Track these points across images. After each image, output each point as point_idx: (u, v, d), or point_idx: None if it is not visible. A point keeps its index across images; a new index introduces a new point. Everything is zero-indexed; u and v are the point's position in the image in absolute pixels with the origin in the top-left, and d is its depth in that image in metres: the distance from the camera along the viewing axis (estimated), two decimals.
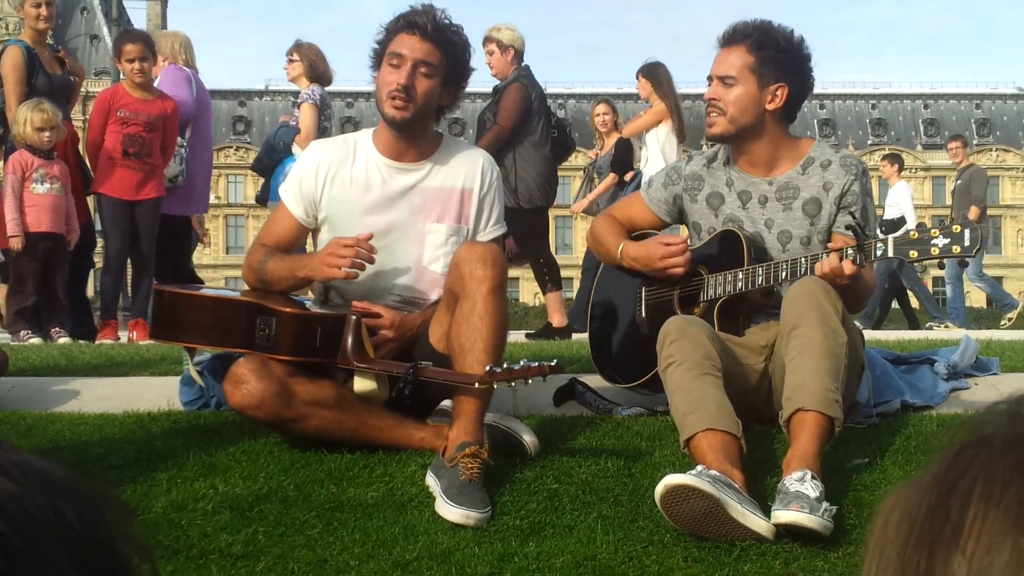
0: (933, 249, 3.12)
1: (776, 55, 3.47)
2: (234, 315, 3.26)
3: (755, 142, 3.52)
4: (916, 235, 3.16)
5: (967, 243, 3.10)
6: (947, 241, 3.12)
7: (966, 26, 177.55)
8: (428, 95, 3.32)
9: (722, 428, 2.94)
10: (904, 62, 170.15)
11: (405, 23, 3.32)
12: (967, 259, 3.31)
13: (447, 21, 3.35)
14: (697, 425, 2.95)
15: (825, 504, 2.70)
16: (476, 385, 2.99)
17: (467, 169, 3.45)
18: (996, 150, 72.60)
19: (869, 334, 3.72)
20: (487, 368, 2.95)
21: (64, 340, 6.65)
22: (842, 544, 2.72)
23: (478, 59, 3.45)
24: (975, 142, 73.22)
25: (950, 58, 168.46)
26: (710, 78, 3.51)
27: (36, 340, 6.59)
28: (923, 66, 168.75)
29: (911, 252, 3.15)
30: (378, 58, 3.38)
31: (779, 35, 3.50)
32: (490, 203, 3.48)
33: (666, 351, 3.15)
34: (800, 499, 2.68)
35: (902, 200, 12.17)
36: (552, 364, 3.03)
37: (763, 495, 2.90)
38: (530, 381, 3.02)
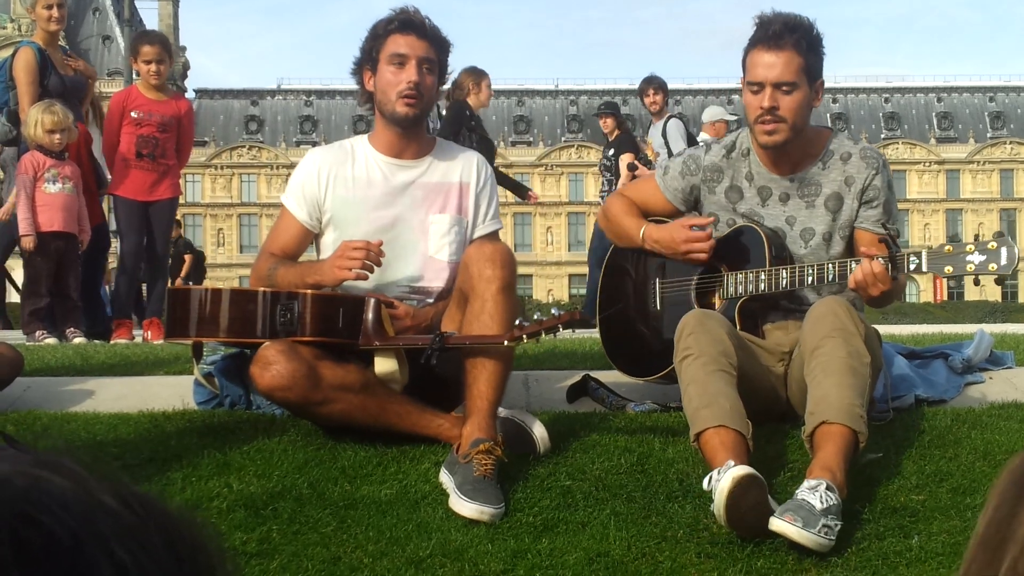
0: (968, 266, 3.08)
1: (817, 51, 3.40)
2: (253, 304, 3.24)
3: (796, 142, 3.44)
4: (951, 250, 3.12)
5: (1003, 261, 3.06)
6: (983, 258, 3.08)
7: (980, 18, 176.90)
8: (432, 91, 3.45)
9: (733, 426, 2.93)
10: (917, 55, 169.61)
11: (400, 24, 3.40)
12: (1004, 278, 3.21)
13: (431, 20, 3.46)
14: (709, 420, 2.95)
15: (825, 519, 2.62)
16: (504, 343, 3.05)
17: (462, 165, 3.55)
18: (1010, 143, 72.21)
19: (883, 328, 3.72)
20: (517, 321, 3.03)
21: (79, 340, 6.67)
22: (856, 538, 2.72)
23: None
24: (989, 135, 72.94)
25: (964, 51, 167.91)
26: (759, 84, 3.35)
27: (51, 340, 6.61)
28: (936, 59, 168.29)
29: (946, 268, 3.10)
30: (370, 61, 3.43)
31: (812, 29, 3.40)
32: (486, 198, 3.56)
33: (683, 343, 3.14)
34: (799, 510, 2.62)
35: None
36: (576, 312, 3.11)
37: (772, 493, 2.90)
38: (558, 332, 3.07)
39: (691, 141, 9.32)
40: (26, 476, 0.53)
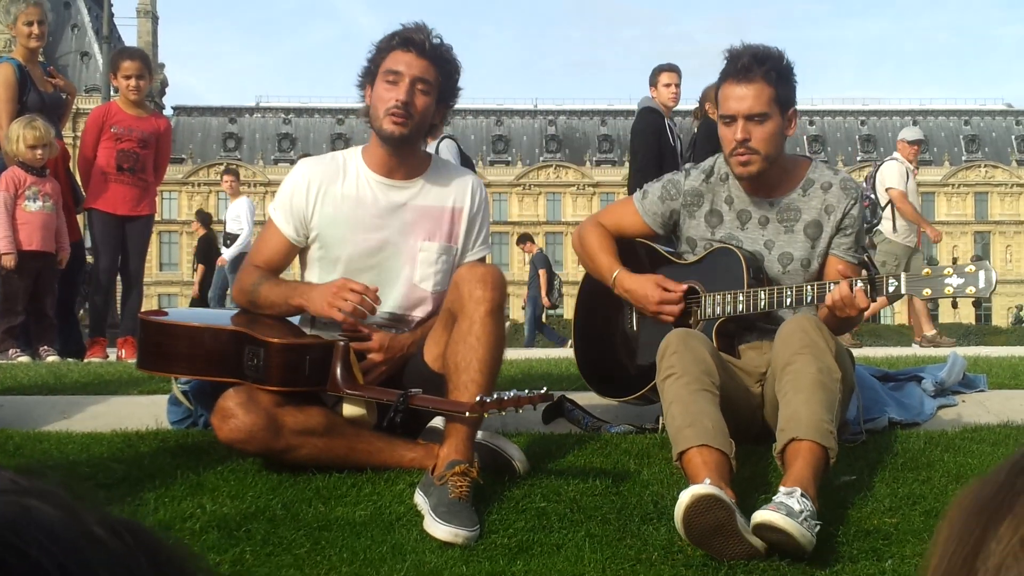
0: (947, 289, 3.13)
1: (788, 81, 3.44)
2: (222, 345, 3.23)
3: (772, 170, 3.49)
4: (929, 272, 3.16)
5: (981, 285, 3.10)
6: (961, 281, 3.12)
7: (956, 43, 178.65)
8: (425, 112, 3.34)
9: (716, 446, 2.94)
10: (894, 79, 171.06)
11: (401, 41, 3.33)
12: (981, 300, 3.32)
13: (439, 40, 3.38)
14: (692, 440, 2.96)
15: (806, 515, 2.68)
16: (467, 414, 2.99)
17: (457, 188, 3.48)
18: (984, 166, 72.87)
19: (857, 351, 3.75)
20: (477, 398, 2.95)
21: (53, 358, 6.64)
22: (829, 561, 2.73)
23: (463, 79, 3.47)
24: (964, 158, 73.56)
25: (939, 75, 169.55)
26: (731, 116, 3.41)
27: (24, 358, 6.57)
28: (913, 83, 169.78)
29: (925, 290, 3.14)
30: (370, 76, 3.37)
31: (781, 59, 3.45)
32: (479, 223, 3.50)
33: (667, 362, 3.15)
34: (780, 506, 2.68)
35: (242, 214, 12.77)
36: (542, 392, 3.03)
37: (747, 514, 2.90)
38: (520, 410, 3.02)
39: (463, 160, 9.51)
40: (14, 506, 0.52)
